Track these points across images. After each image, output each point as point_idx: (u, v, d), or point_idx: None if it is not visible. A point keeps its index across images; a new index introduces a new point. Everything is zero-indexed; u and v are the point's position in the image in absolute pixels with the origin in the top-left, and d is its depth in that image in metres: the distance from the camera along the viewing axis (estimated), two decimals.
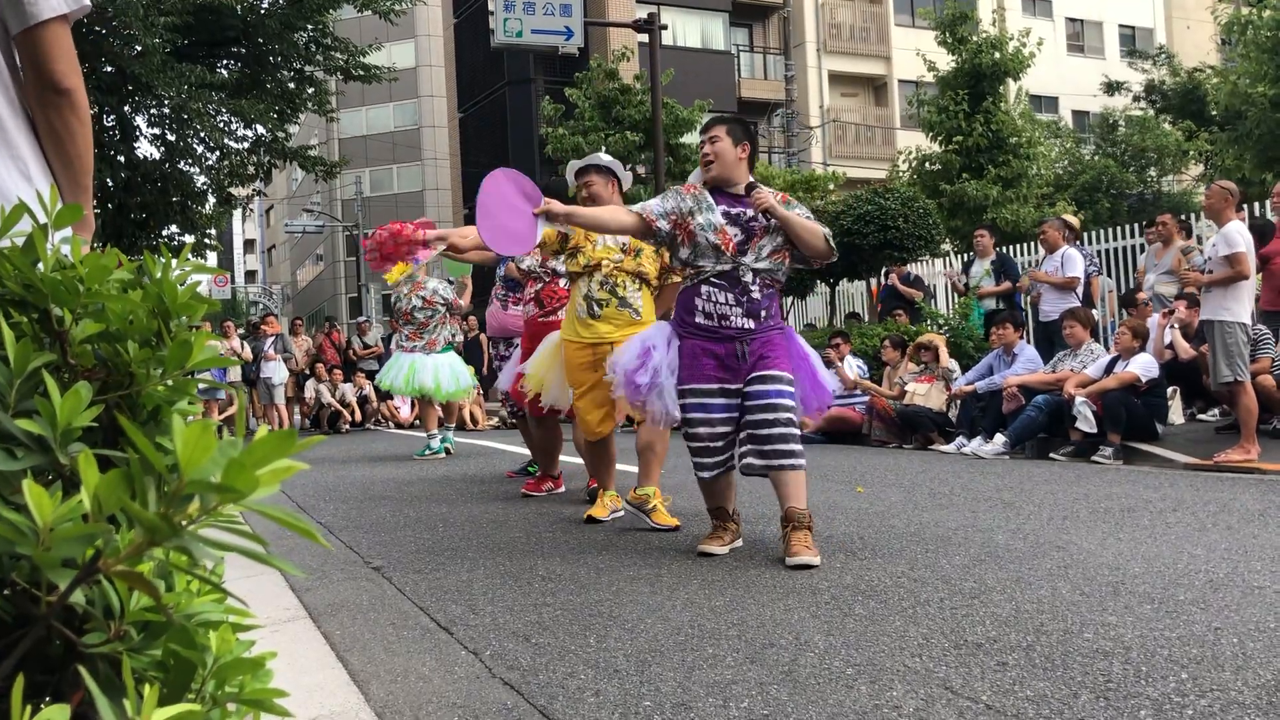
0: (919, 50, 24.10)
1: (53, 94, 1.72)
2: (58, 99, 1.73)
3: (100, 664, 0.74)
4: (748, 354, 4.24)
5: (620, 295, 5.25)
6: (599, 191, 5.39)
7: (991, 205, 20.61)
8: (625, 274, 5.27)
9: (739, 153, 4.36)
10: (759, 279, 4.27)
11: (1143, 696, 2.35)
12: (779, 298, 4.47)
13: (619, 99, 21.86)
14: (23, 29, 1.68)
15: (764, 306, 4.28)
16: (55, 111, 1.73)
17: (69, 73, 1.75)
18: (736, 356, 4.25)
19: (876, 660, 2.70)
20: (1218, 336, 6.98)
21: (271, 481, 0.58)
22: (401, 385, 9.53)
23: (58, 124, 1.75)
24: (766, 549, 4.34)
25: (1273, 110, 18.33)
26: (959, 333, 11.11)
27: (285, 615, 3.52)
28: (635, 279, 5.30)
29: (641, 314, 5.29)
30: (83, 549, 0.60)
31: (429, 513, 5.86)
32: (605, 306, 5.24)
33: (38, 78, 1.71)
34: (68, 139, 1.77)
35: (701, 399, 4.28)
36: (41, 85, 1.71)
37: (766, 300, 4.30)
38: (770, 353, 4.24)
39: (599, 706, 2.43)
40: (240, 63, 17.95)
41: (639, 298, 5.31)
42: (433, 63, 44.24)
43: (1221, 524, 4.62)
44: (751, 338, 4.25)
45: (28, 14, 1.67)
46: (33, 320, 0.90)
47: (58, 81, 1.72)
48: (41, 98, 1.72)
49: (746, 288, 4.26)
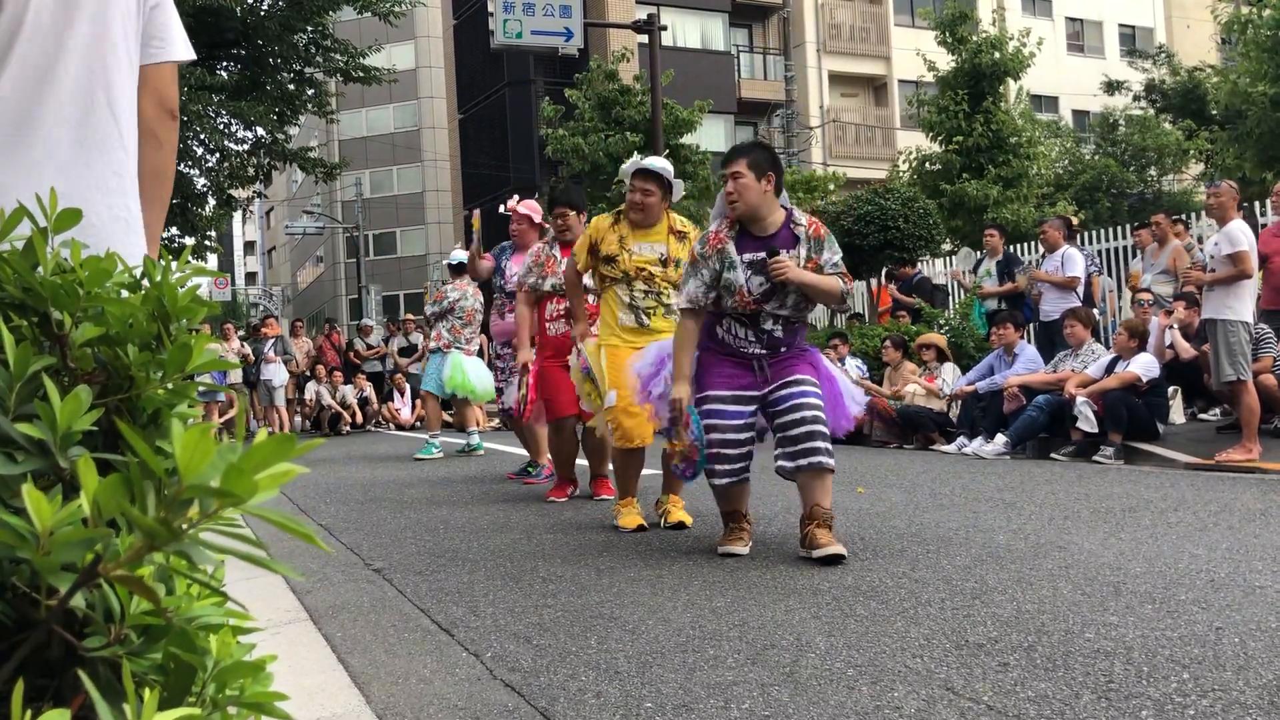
0: (919, 50, 24.09)
1: (169, 118, 2.04)
2: (173, 122, 2.05)
3: (101, 667, 0.74)
4: (768, 368, 4.28)
5: (665, 303, 5.16)
6: (654, 204, 5.17)
7: (992, 205, 20.60)
8: (669, 284, 5.18)
9: (763, 186, 4.24)
10: (781, 321, 4.29)
11: (1144, 696, 2.34)
12: (805, 327, 4.49)
13: (619, 100, 21.86)
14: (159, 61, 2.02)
15: (785, 343, 4.31)
16: (168, 132, 2.05)
17: (178, 101, 2.10)
18: (754, 370, 4.29)
19: (878, 661, 2.70)
20: (1220, 335, 6.98)
21: (271, 485, 0.58)
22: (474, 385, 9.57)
23: (168, 143, 2.05)
24: (767, 550, 4.34)
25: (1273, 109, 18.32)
26: (960, 333, 11.10)
27: (286, 617, 3.53)
28: (674, 289, 5.18)
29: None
30: (82, 553, 0.60)
31: (430, 515, 5.86)
32: (653, 315, 5.15)
33: (159, 102, 2.02)
34: (171, 156, 2.08)
35: (718, 405, 4.27)
36: (162, 109, 2.03)
37: (788, 337, 4.32)
38: (795, 363, 4.29)
39: (600, 708, 2.43)
40: (240, 64, 17.96)
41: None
42: (432, 64, 44.26)
43: (1223, 524, 4.62)
44: (770, 360, 4.29)
45: (167, 50, 2.03)
46: (32, 324, 0.90)
47: (174, 107, 2.06)
48: (161, 121, 2.03)
49: (769, 327, 4.28)
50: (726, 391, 4.27)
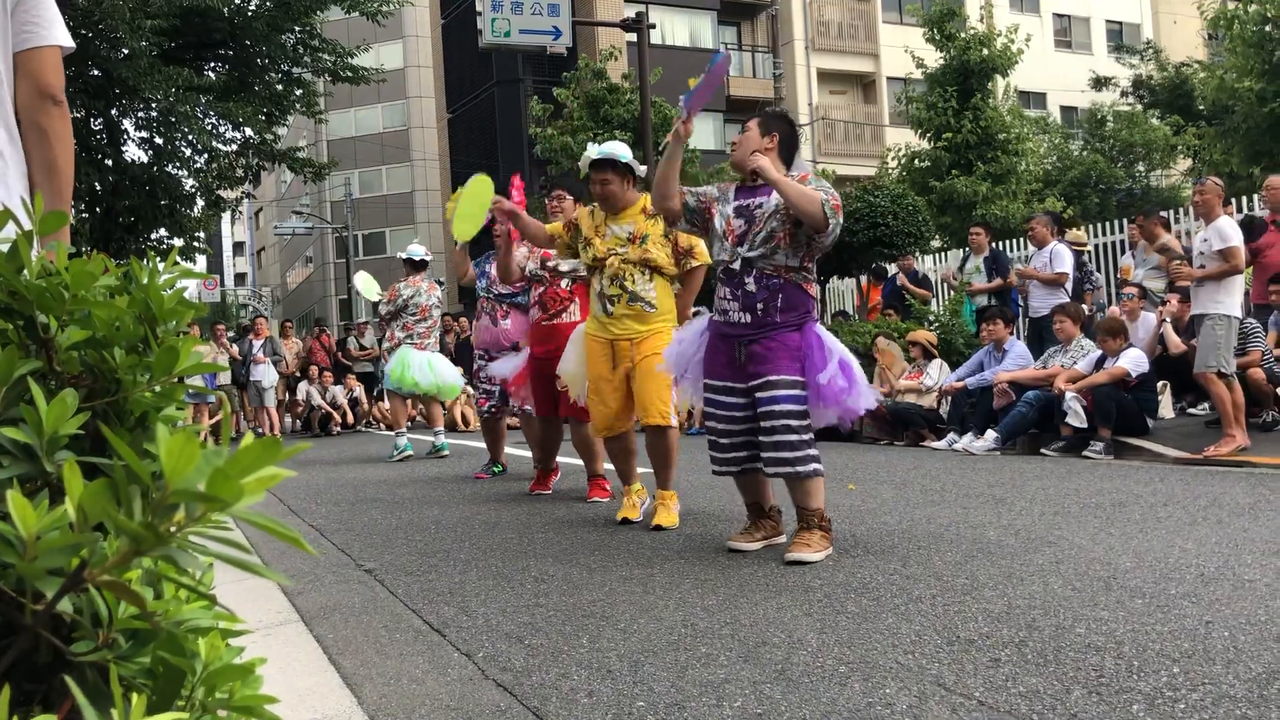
0: (907, 47, 24.12)
1: (52, 103, 1.95)
2: (55, 109, 1.96)
3: (89, 672, 0.73)
4: (745, 356, 4.22)
5: (629, 289, 5.10)
6: (615, 190, 5.17)
7: (981, 201, 20.63)
8: (632, 266, 5.11)
9: (765, 142, 4.31)
10: (754, 270, 4.21)
11: (1135, 691, 2.35)
12: (794, 290, 4.25)
13: (607, 98, 21.84)
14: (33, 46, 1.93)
15: (760, 300, 4.19)
16: (51, 120, 1.95)
17: (62, 87, 2.00)
18: (736, 358, 4.25)
19: (869, 658, 2.70)
20: (1206, 328, 7.00)
21: (257, 490, 0.57)
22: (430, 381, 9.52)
23: (51, 132, 1.95)
24: (758, 549, 4.33)
25: (1260, 105, 18.36)
26: (950, 329, 11.12)
27: (277, 619, 3.52)
28: (644, 269, 5.12)
29: (657, 305, 5.13)
30: (69, 558, 0.60)
31: (421, 515, 5.85)
32: (616, 303, 5.12)
33: (38, 90, 1.94)
34: (60, 146, 1.97)
35: (715, 394, 4.34)
36: (41, 96, 1.94)
37: (763, 293, 4.20)
38: (768, 355, 4.17)
39: (592, 708, 2.43)
40: (228, 65, 17.91)
41: (651, 289, 5.12)
42: (421, 63, 44.15)
43: (1212, 518, 4.63)
44: (750, 340, 4.21)
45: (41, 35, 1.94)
46: (18, 327, 0.89)
47: (55, 93, 1.96)
48: (41, 108, 1.94)
49: (741, 280, 4.23)
50: (719, 382, 4.31)
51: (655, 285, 5.16)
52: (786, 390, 4.12)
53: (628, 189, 5.22)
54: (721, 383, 4.30)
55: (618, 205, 5.17)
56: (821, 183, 4.20)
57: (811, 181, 4.21)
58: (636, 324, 5.11)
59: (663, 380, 4.95)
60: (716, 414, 4.33)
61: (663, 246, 5.18)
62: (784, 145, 4.36)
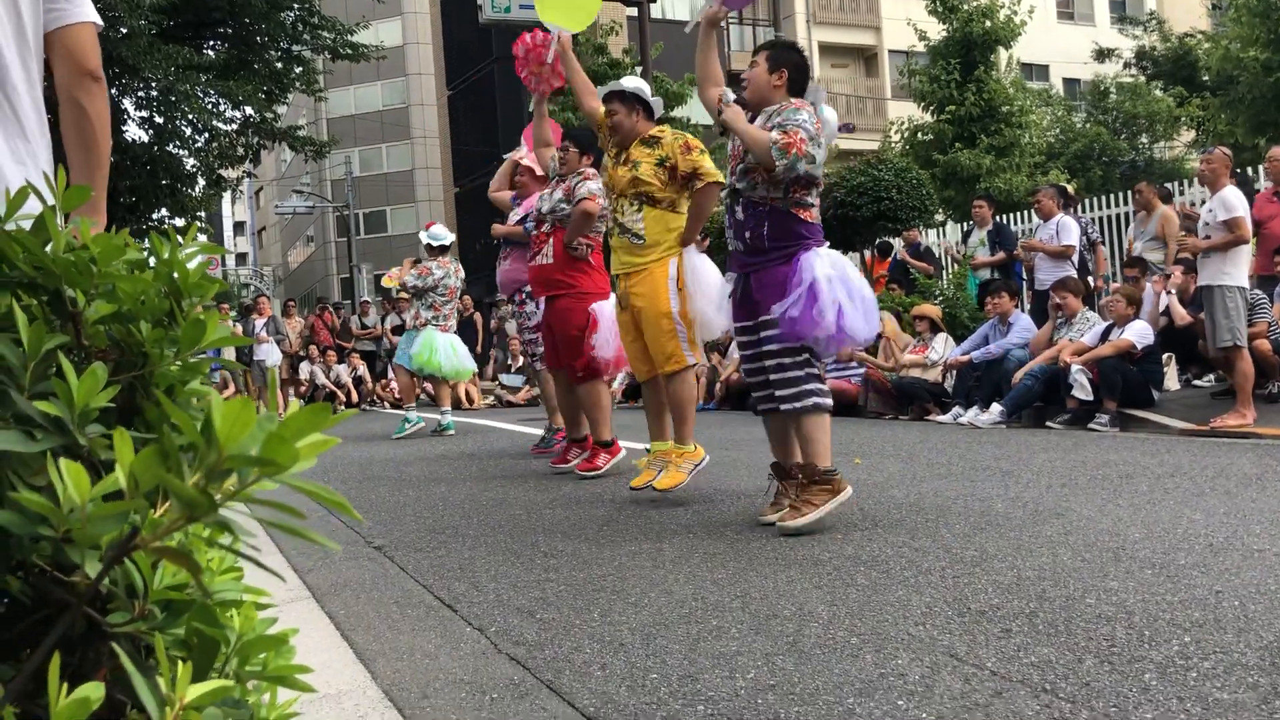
0: (909, 20, 24.02)
1: (90, 81, 1.96)
2: (95, 85, 1.96)
3: (124, 643, 0.74)
4: (743, 291, 4.31)
5: (619, 221, 5.06)
6: (621, 121, 5.14)
7: (984, 174, 20.59)
8: (622, 197, 5.07)
9: (774, 79, 4.30)
10: (741, 198, 4.26)
11: (1146, 660, 2.36)
12: (783, 217, 4.17)
13: (609, 73, 21.75)
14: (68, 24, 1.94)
15: (749, 228, 4.22)
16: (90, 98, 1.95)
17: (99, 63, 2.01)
18: (743, 293, 4.32)
19: (880, 629, 2.71)
20: (1217, 301, 6.99)
21: (310, 455, 0.58)
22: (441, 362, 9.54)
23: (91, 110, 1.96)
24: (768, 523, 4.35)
25: (1264, 75, 18.28)
26: (954, 303, 11.11)
27: (289, 595, 3.53)
28: (634, 200, 5.04)
29: (645, 237, 5.03)
30: (118, 527, 0.60)
31: (429, 492, 5.86)
32: (613, 236, 5.13)
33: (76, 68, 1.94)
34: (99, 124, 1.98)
35: (738, 335, 4.46)
36: (80, 74, 1.94)
37: (750, 221, 4.21)
38: (760, 294, 4.22)
39: (606, 680, 2.44)
40: (227, 43, 17.85)
41: (639, 220, 5.03)
42: (420, 40, 43.98)
43: (1219, 489, 4.64)
44: (751, 271, 4.27)
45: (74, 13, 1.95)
46: (43, 303, 0.89)
47: (94, 69, 1.97)
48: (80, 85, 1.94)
49: (733, 207, 4.30)
50: (736, 323, 4.42)
51: (644, 216, 5.04)
52: (772, 329, 4.16)
53: (636, 120, 5.18)
54: (738, 323, 4.40)
55: (626, 137, 5.16)
56: (797, 115, 4.11)
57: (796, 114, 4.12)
58: (628, 256, 5.08)
59: (665, 325, 4.96)
60: (744, 354, 4.44)
61: (657, 172, 5.03)
62: (793, 79, 4.33)
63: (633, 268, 5.06)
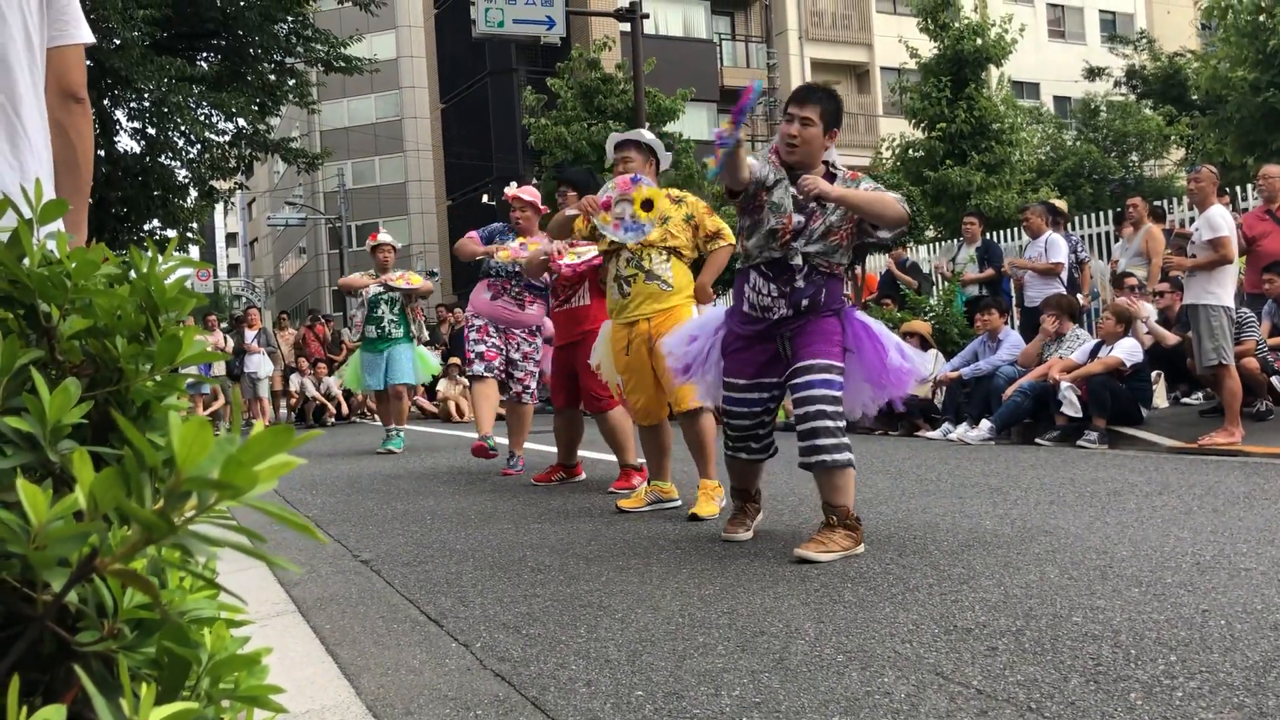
0: (901, 37, 24.14)
1: (74, 101, 1.99)
2: (79, 106, 2.00)
3: (94, 663, 0.73)
4: (790, 349, 4.09)
5: (646, 268, 5.09)
6: (636, 170, 5.23)
7: (975, 191, 20.66)
8: (651, 248, 5.11)
9: (826, 141, 4.11)
10: (807, 265, 4.05)
11: (1132, 679, 2.36)
12: (839, 282, 4.16)
13: (601, 89, 21.83)
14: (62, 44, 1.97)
15: (807, 295, 4.04)
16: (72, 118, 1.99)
17: (84, 85, 2.05)
18: (780, 355, 4.12)
19: (867, 647, 2.71)
20: (1203, 320, 7.01)
21: (270, 477, 0.57)
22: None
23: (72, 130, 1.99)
24: (757, 538, 4.34)
25: (1253, 94, 18.38)
26: (944, 319, 11.13)
27: (273, 610, 3.51)
28: (663, 251, 5.12)
29: (673, 284, 5.11)
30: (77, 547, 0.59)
31: (417, 506, 5.85)
32: (633, 283, 5.11)
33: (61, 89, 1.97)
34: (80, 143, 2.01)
35: (742, 393, 4.18)
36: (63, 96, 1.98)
37: (812, 289, 4.05)
38: (813, 341, 4.03)
39: (591, 697, 2.43)
40: (220, 55, 17.86)
41: (668, 269, 5.11)
42: (414, 53, 44.03)
43: (1207, 507, 4.64)
44: (792, 327, 4.08)
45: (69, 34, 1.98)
46: (18, 316, 0.89)
47: (78, 90, 2.00)
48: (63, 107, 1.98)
49: (793, 276, 4.05)
50: (749, 380, 4.16)
51: (672, 265, 5.15)
52: (822, 375, 3.96)
53: (649, 170, 5.30)
54: (749, 380, 4.17)
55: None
56: (870, 183, 4.12)
57: (864, 182, 4.12)
58: (653, 304, 5.10)
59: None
60: (749, 411, 4.19)
61: (685, 229, 5.19)
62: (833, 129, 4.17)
63: (656, 313, 5.10)
